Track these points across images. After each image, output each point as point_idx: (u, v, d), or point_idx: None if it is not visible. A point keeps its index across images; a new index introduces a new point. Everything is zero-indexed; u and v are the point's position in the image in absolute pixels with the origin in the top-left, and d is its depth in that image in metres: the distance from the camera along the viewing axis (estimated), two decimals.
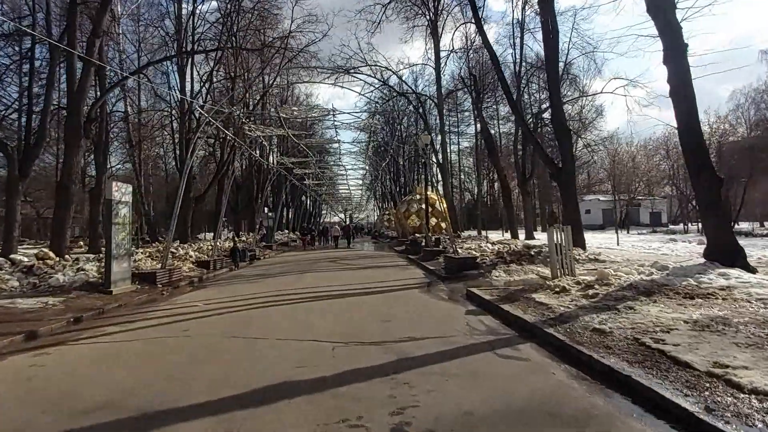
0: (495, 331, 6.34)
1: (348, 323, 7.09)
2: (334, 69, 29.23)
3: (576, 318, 6.22)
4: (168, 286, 12.45)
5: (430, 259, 17.55)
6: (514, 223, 24.84)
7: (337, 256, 23.97)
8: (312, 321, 7.31)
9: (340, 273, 15.33)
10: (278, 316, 7.93)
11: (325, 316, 7.70)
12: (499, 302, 7.92)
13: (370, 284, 11.85)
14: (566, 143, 15.21)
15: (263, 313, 8.26)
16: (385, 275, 14.12)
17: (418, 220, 33.73)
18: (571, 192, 15.33)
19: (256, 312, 8.36)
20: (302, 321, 7.35)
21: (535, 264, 13.04)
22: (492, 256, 13.99)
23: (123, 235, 11.29)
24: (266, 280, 13.65)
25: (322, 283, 12.38)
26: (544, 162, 16.03)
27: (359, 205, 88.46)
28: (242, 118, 17.50)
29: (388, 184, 62.44)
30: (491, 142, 25.77)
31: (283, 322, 7.28)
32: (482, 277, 12.21)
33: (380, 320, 7.23)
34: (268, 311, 8.43)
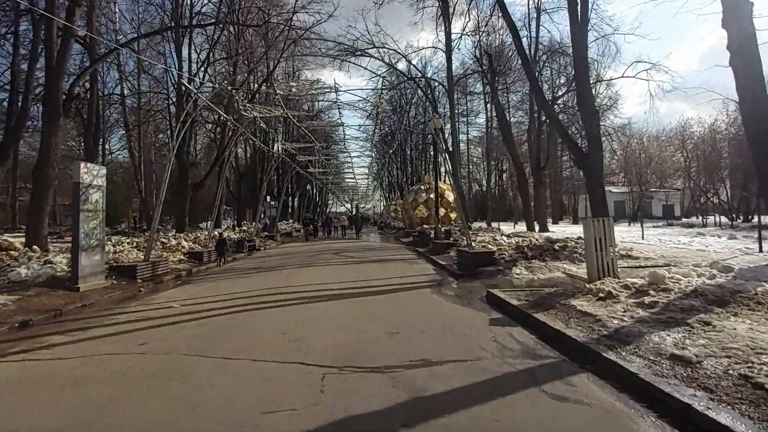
0: (533, 352, 4.93)
1: (346, 336, 5.71)
2: (339, 52, 27.68)
3: (639, 336, 4.80)
4: (150, 282, 11.15)
5: (441, 252, 16.15)
6: (530, 215, 23.34)
7: (341, 247, 22.61)
8: (303, 332, 5.94)
9: (342, 267, 13.97)
10: (264, 323, 6.56)
11: (320, 325, 6.32)
12: (530, 309, 6.51)
13: (374, 282, 10.48)
14: (594, 126, 13.67)
15: (247, 319, 6.90)
16: (391, 271, 12.74)
17: (426, 211, 32.25)
18: (598, 180, 13.82)
19: (238, 317, 7.00)
20: (291, 331, 5.98)
21: (561, 260, 11.60)
22: (510, 251, 12.56)
23: (94, 224, 9.96)
24: (260, 275, 12.31)
25: (321, 279, 11.01)
26: (569, 147, 14.50)
27: (365, 195, 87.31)
28: (238, 98, 16.07)
29: (394, 174, 61.00)
30: (507, 127, 24.14)
31: (268, 334, 5.91)
32: (501, 274, 10.80)
33: (386, 332, 5.85)
34: (253, 316, 7.07)
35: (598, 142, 13.81)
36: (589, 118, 13.76)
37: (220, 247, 15.72)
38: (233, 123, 19.60)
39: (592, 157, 13.76)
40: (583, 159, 14.02)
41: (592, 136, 13.81)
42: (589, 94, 13.78)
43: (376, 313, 7.03)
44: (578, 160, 14.24)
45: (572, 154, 14.33)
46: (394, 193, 62.41)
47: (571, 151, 14.46)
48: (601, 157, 13.96)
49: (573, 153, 14.36)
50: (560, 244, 12.32)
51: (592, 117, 13.71)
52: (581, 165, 14.18)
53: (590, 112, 13.76)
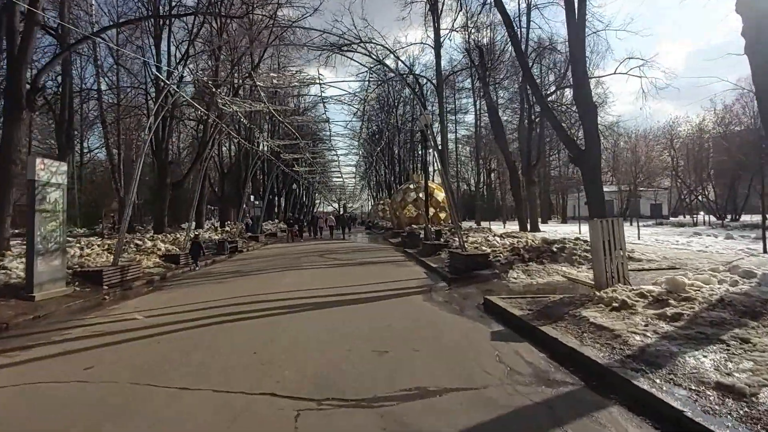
0: (546, 376, 4.21)
1: (328, 356, 4.94)
2: (324, 46, 26.79)
3: (671, 358, 4.10)
4: (117, 288, 10.26)
5: (431, 254, 15.42)
6: (523, 214, 22.68)
7: (327, 248, 21.79)
8: (278, 351, 5.16)
9: (327, 271, 13.18)
10: (234, 340, 5.76)
11: (298, 343, 5.54)
12: (535, 321, 5.80)
13: (361, 287, 9.70)
14: (591, 122, 13.03)
15: (215, 334, 6.08)
16: (379, 274, 11.98)
17: (414, 211, 31.55)
18: (596, 179, 13.21)
19: (206, 332, 6.18)
20: (264, 351, 5.19)
21: (559, 263, 10.95)
22: (506, 253, 11.87)
23: (53, 226, 9.05)
24: (239, 280, 11.47)
25: (303, 284, 10.21)
26: (565, 142, 13.85)
27: (353, 195, 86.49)
28: (218, 92, 15.16)
29: (382, 173, 60.22)
30: (498, 122, 23.42)
31: (237, 353, 5.12)
32: (497, 278, 10.11)
33: (374, 350, 5.09)
34: (223, 331, 6.26)
35: (595, 138, 13.18)
36: (587, 112, 13.13)
37: (195, 251, 14.48)
38: (214, 119, 18.66)
39: (589, 154, 13.13)
40: (580, 156, 13.39)
41: (589, 132, 13.18)
42: (586, 86, 13.13)
43: (362, 326, 6.26)
44: (575, 158, 13.60)
45: (568, 151, 13.69)
46: (381, 193, 61.65)
47: (567, 148, 13.81)
48: (599, 154, 13.35)
49: (569, 149, 13.72)
50: (558, 245, 11.66)
51: (590, 111, 13.07)
52: (578, 162, 13.55)
53: (588, 106, 13.12)
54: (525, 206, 23.05)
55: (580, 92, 13.33)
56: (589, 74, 27.07)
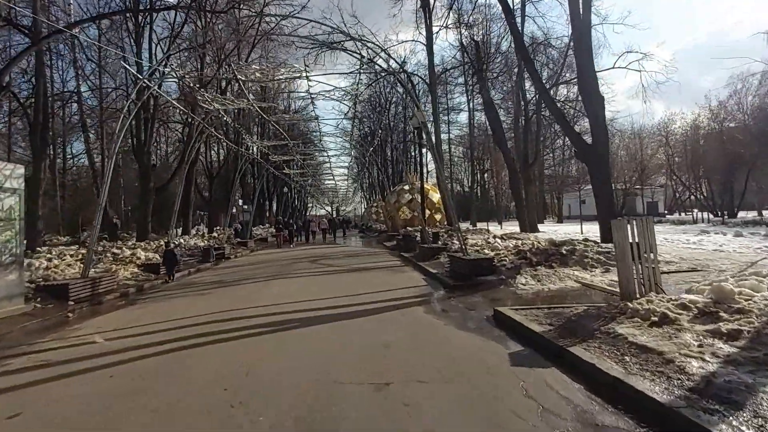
0: (591, 419, 3.31)
1: (316, 393, 4.02)
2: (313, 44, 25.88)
3: (746, 391, 3.24)
4: (86, 303, 9.28)
5: (429, 258, 14.53)
6: (524, 214, 21.82)
7: (319, 254, 20.84)
8: (255, 387, 4.23)
9: (317, 279, 12.23)
10: (203, 369, 4.82)
11: (281, 373, 4.61)
12: (561, 340, 4.91)
13: (355, 298, 8.77)
14: (598, 113, 12.22)
15: (183, 362, 5.14)
16: (375, 282, 11.05)
17: (409, 212, 30.74)
18: (604, 175, 12.41)
19: (171, 361, 5.24)
20: (238, 385, 4.26)
21: (570, 266, 10.09)
22: (511, 256, 10.99)
23: (8, 236, 8.06)
24: (221, 292, 10.50)
25: (291, 296, 9.26)
26: (570, 136, 13.02)
27: (346, 198, 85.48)
28: (197, 89, 14.18)
29: (375, 174, 59.25)
30: (496, 119, 22.52)
31: (204, 389, 4.18)
32: (504, 285, 9.23)
33: (372, 383, 4.18)
34: (192, 357, 5.31)
35: (603, 130, 12.37)
36: (593, 103, 12.31)
37: (169, 261, 13.08)
38: (199, 120, 17.67)
39: (596, 148, 12.32)
40: (586, 150, 12.57)
41: (596, 124, 12.38)
42: (592, 75, 12.32)
43: (356, 349, 5.34)
44: (581, 152, 12.77)
45: (573, 145, 12.86)
46: (375, 195, 60.75)
47: (572, 141, 12.99)
48: (607, 148, 12.54)
49: (574, 143, 12.89)
50: (567, 247, 10.80)
51: (597, 101, 12.26)
52: (584, 157, 12.73)
53: (594, 96, 12.31)
54: (524, 206, 22.19)
55: (585, 81, 12.53)
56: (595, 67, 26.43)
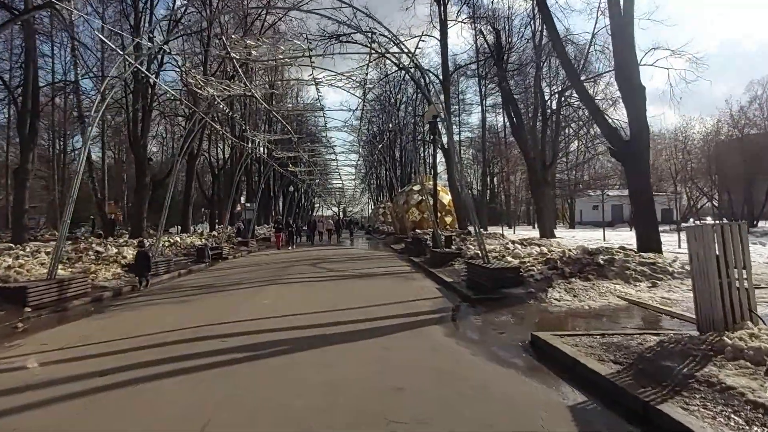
0: None
1: None
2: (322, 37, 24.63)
3: None
4: (47, 310, 7.98)
5: (442, 264, 13.13)
6: (544, 218, 20.25)
7: (322, 256, 19.51)
8: None
9: (316, 286, 10.88)
10: (155, 412, 3.48)
11: (256, 424, 3.25)
12: (643, 391, 3.51)
13: (358, 312, 7.42)
14: (638, 105, 10.77)
15: (121, 407, 3.78)
16: (382, 291, 9.67)
17: (419, 214, 29.29)
18: (643, 176, 10.96)
19: (108, 404, 3.88)
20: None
21: (609, 278, 8.66)
22: (539, 266, 9.57)
23: None
24: (206, 299, 9.15)
25: (283, 307, 7.90)
26: (605, 131, 11.56)
27: (353, 199, 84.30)
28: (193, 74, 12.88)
29: (383, 175, 57.96)
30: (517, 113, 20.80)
31: None
32: (534, 299, 7.82)
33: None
34: (139, 395, 3.96)
35: (643, 125, 10.92)
36: (632, 95, 10.88)
37: (140, 264, 11.05)
38: (195, 109, 16.43)
39: (635, 145, 10.88)
40: (623, 148, 11.13)
41: (635, 118, 10.93)
42: (633, 63, 10.88)
43: (358, 392, 3.97)
44: (617, 150, 11.32)
45: (609, 142, 11.42)
46: (382, 196, 59.40)
47: (607, 138, 11.52)
48: (648, 145, 11.08)
49: (610, 140, 11.44)
50: (605, 256, 9.35)
51: (638, 93, 10.82)
52: (621, 156, 11.28)
53: (633, 88, 10.88)
54: (546, 210, 20.62)
55: (622, 73, 11.08)
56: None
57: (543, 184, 21.80)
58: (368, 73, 25.48)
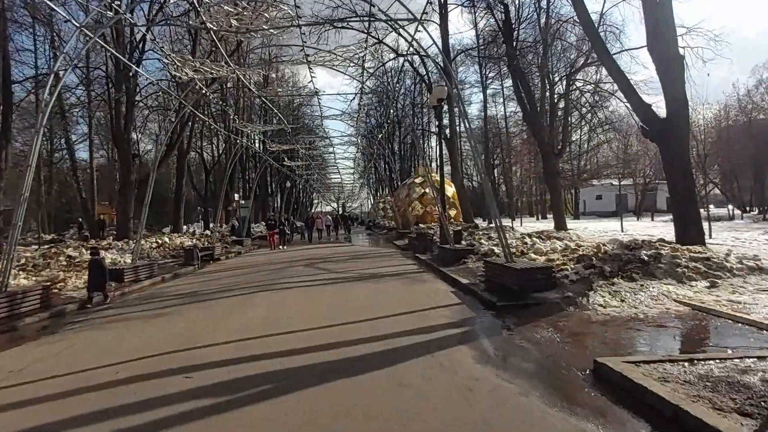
0: None
1: None
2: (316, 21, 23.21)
3: None
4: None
5: (453, 262, 11.83)
6: (561, 208, 18.76)
7: (320, 255, 18.18)
8: None
9: (312, 292, 9.54)
10: None
11: None
12: None
13: (363, 326, 6.11)
14: (677, 80, 9.44)
15: None
16: (387, 297, 8.35)
17: (421, 208, 28.04)
18: (683, 158, 9.64)
19: None
20: None
21: (658, 278, 7.35)
22: (572, 264, 8.26)
23: None
24: (182, 313, 7.81)
25: (273, 322, 6.58)
26: (636, 108, 10.18)
27: (352, 194, 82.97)
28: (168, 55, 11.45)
29: (383, 169, 56.61)
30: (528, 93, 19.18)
31: None
32: (573, 306, 6.52)
33: None
34: None
35: (682, 102, 9.59)
36: (670, 68, 9.53)
37: (93, 275, 9.08)
38: (179, 98, 15.05)
39: (673, 124, 9.54)
40: (658, 127, 9.79)
41: (673, 96, 9.59)
42: (668, 28, 9.51)
43: None
44: (652, 130, 9.97)
45: (642, 122, 10.07)
46: (382, 190, 58.07)
47: (640, 116, 10.16)
48: (688, 124, 9.77)
49: (644, 117, 10.07)
50: (648, 251, 8.02)
51: (673, 63, 9.48)
52: (656, 136, 9.93)
53: (669, 57, 9.53)
54: (562, 200, 19.16)
55: (657, 41, 9.72)
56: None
57: (556, 173, 20.42)
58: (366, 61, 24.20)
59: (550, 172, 18.30)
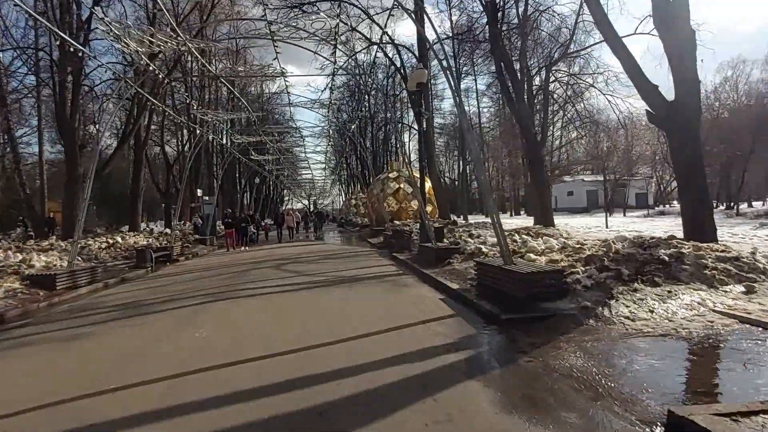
0: None
1: None
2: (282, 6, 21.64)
3: None
4: None
5: (436, 263, 10.60)
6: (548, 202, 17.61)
7: (290, 254, 16.74)
8: None
9: (279, 300, 8.15)
10: None
11: None
12: None
13: (338, 351, 4.80)
14: (687, 57, 8.42)
15: None
16: (368, 308, 7.04)
17: (396, 204, 26.80)
18: (694, 148, 8.65)
19: None
20: None
21: (683, 281, 6.28)
22: (580, 266, 7.11)
23: None
24: (116, 331, 6.32)
25: (225, 345, 5.20)
26: (642, 89, 9.10)
27: (323, 191, 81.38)
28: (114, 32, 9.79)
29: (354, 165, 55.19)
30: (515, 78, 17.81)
31: None
32: (593, 317, 5.38)
33: None
34: None
35: (693, 83, 8.58)
36: (678, 42, 8.52)
37: None
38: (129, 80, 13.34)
39: (683, 108, 8.53)
40: (665, 110, 8.77)
41: (682, 75, 8.59)
42: (681, 2, 8.48)
43: None
44: (657, 114, 8.95)
45: (648, 105, 9.01)
46: (354, 186, 56.66)
47: (645, 99, 9.09)
48: (699, 107, 8.77)
49: (649, 102, 9.02)
50: (667, 250, 6.92)
51: (684, 40, 8.46)
52: (663, 121, 8.92)
53: (680, 34, 8.51)
54: (549, 194, 18.09)
55: (664, 14, 8.69)
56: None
57: (542, 163, 19.39)
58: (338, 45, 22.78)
59: (536, 162, 17.19)
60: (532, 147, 17.16)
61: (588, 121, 29.01)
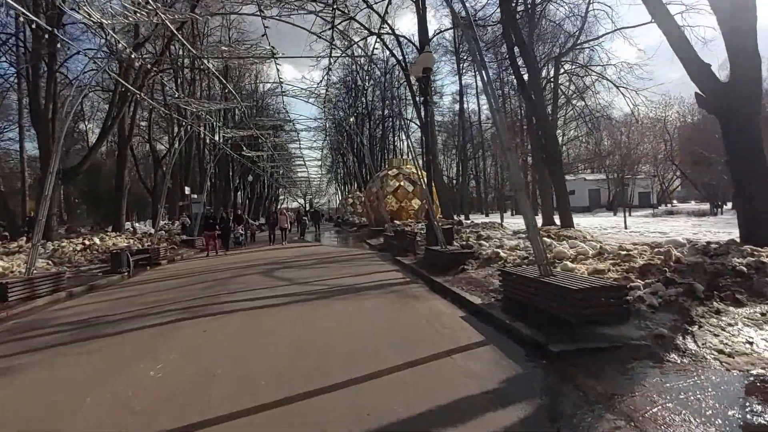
0: None
1: None
2: None
3: None
4: None
5: (447, 268, 9.30)
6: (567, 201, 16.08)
7: (282, 258, 15.38)
8: None
9: (266, 318, 6.77)
10: None
11: None
12: None
13: (332, 398, 3.48)
14: (746, 31, 7.17)
15: None
16: (372, 328, 5.71)
17: (396, 203, 25.45)
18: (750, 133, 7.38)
19: None
20: None
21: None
22: (633, 277, 5.80)
23: None
24: (53, 362, 4.95)
25: (184, 390, 3.88)
26: (694, 70, 7.80)
27: (320, 190, 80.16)
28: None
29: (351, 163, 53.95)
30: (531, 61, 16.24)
31: None
32: (673, 350, 4.07)
33: None
34: None
35: (753, 62, 7.30)
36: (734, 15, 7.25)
37: None
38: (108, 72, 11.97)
39: (741, 90, 7.26)
40: (719, 93, 7.49)
41: (739, 52, 7.31)
42: None
43: None
44: (709, 98, 7.66)
45: (699, 87, 7.73)
46: (350, 185, 55.39)
47: (695, 79, 7.78)
48: (760, 91, 7.52)
49: (699, 82, 7.73)
50: (742, 259, 5.63)
51: (741, 10, 7.19)
52: (716, 106, 7.63)
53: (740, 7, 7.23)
54: (566, 192, 16.64)
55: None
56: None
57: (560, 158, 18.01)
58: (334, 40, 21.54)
59: (553, 156, 15.73)
60: (550, 141, 15.73)
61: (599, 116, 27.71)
